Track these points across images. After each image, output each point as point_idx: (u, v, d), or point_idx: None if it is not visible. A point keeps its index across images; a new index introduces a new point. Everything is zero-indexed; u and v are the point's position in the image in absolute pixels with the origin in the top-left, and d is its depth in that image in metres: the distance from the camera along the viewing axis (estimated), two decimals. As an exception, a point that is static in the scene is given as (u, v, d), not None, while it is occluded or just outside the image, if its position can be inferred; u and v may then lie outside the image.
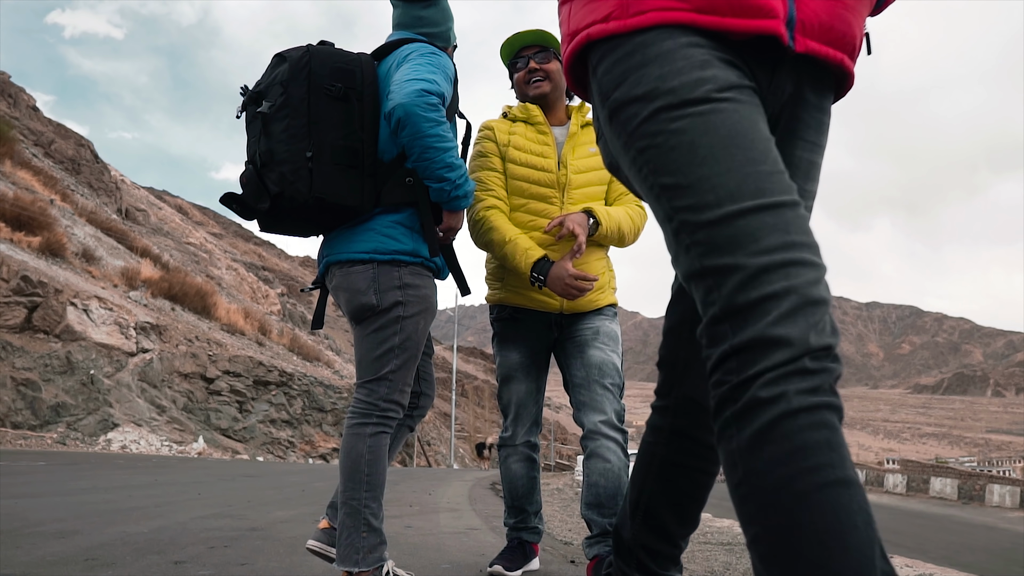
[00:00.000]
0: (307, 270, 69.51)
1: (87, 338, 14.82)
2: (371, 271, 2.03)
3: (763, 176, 0.95)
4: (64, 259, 18.24)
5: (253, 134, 2.01)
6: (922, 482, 32.56)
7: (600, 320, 2.46)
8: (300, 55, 1.99)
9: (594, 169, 2.48)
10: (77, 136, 36.76)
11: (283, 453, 17.54)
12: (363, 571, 1.97)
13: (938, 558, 9.86)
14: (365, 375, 2.08)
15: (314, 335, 32.55)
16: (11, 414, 13.03)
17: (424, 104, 1.90)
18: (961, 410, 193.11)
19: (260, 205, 1.97)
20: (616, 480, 2.24)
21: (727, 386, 0.90)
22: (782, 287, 0.89)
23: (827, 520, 0.81)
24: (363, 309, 2.04)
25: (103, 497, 4.98)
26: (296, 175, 1.90)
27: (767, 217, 0.92)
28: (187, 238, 40.99)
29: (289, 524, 3.90)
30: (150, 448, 13.59)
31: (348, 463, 2.04)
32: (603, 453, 2.25)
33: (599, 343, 2.40)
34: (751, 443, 0.86)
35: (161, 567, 2.50)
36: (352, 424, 2.07)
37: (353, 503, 2.01)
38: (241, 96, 2.07)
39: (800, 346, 0.86)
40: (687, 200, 0.97)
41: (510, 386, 2.51)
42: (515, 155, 2.46)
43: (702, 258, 0.95)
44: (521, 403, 2.50)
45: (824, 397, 0.86)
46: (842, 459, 0.85)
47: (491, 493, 8.73)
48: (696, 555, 3.56)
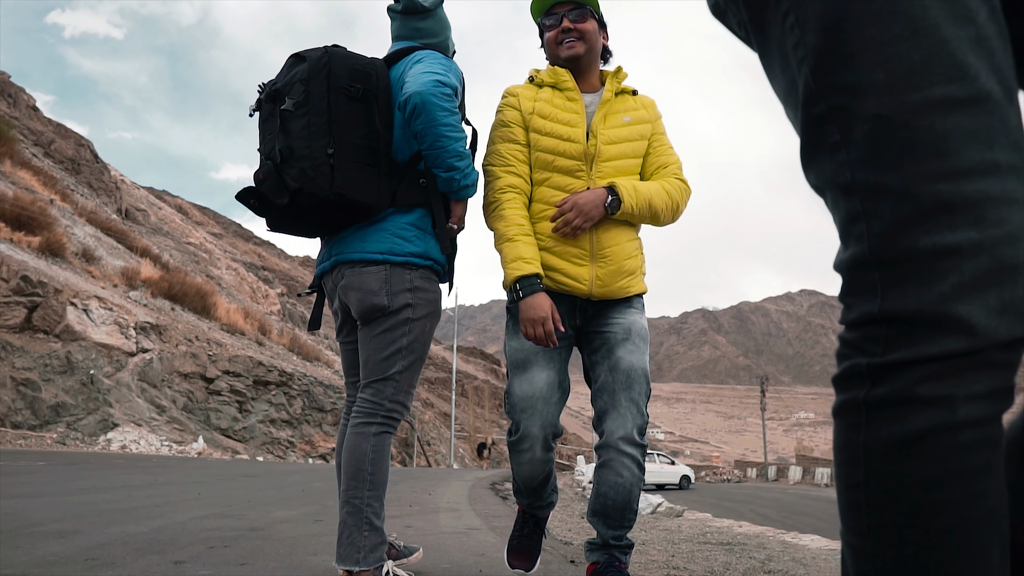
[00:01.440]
0: (307, 270, 69.47)
1: (87, 338, 14.82)
2: (384, 272, 2.06)
3: (965, 47, 0.64)
4: (64, 259, 18.24)
5: (269, 131, 2.03)
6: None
7: (631, 314, 2.20)
8: (320, 55, 2.02)
9: (628, 140, 2.23)
10: (77, 136, 36.76)
11: (283, 453, 17.54)
12: (363, 570, 1.97)
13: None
14: (372, 375, 2.09)
15: (314, 335, 32.53)
16: (11, 414, 13.03)
17: (439, 93, 1.96)
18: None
19: (279, 200, 1.98)
20: (627, 495, 2.09)
21: (868, 359, 0.68)
22: (969, 238, 0.62)
23: (961, 564, 0.64)
24: (374, 309, 2.07)
25: (103, 497, 4.98)
26: (317, 171, 1.93)
27: (962, 117, 0.63)
28: (187, 238, 40.98)
29: (289, 524, 3.90)
30: (150, 448, 13.59)
31: (352, 462, 2.04)
32: (617, 468, 2.08)
33: (631, 344, 2.15)
34: (889, 448, 0.66)
35: (161, 567, 2.50)
36: (357, 423, 2.07)
37: (356, 502, 2.01)
38: (258, 93, 2.09)
39: (985, 336, 0.63)
40: (845, 76, 0.67)
41: (525, 375, 2.14)
42: (540, 124, 2.20)
43: (854, 167, 0.68)
44: (538, 395, 2.12)
45: (1000, 405, 0.65)
46: (998, 483, 0.65)
47: (491, 493, 8.73)
48: (696, 555, 3.56)
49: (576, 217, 2.08)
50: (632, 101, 2.29)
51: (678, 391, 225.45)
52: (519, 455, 2.18)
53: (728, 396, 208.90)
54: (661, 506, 6.32)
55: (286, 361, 21.89)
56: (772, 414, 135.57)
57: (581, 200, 2.09)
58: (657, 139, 2.28)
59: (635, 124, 2.25)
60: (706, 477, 50.16)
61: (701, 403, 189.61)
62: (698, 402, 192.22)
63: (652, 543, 4.11)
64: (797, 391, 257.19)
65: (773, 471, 47.51)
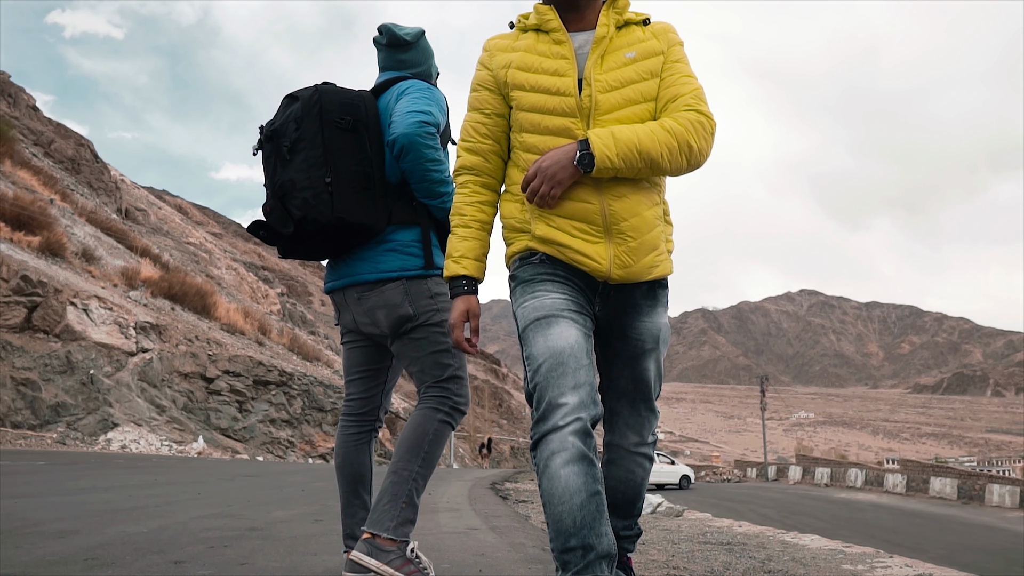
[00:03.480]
0: (307, 270, 69.48)
1: (87, 338, 14.82)
2: (402, 286, 2.23)
3: None
4: (64, 259, 18.23)
5: (271, 167, 2.24)
6: (922, 482, 32.54)
7: (658, 315, 1.87)
8: (310, 94, 2.21)
9: (633, 82, 1.74)
10: (77, 136, 36.75)
11: (283, 453, 17.53)
12: (389, 538, 2.06)
13: (938, 558, 9.86)
14: (431, 378, 2.24)
15: (314, 335, 32.54)
16: (11, 414, 13.03)
17: (424, 133, 2.15)
18: (961, 410, 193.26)
19: (285, 230, 2.17)
20: (638, 488, 1.99)
21: None
22: None
23: None
24: (401, 320, 2.22)
25: (103, 497, 4.98)
26: (318, 199, 2.11)
27: None
28: (187, 238, 40.97)
29: (289, 524, 3.90)
30: (150, 448, 13.59)
31: (412, 436, 2.18)
32: (629, 466, 1.96)
33: (657, 354, 1.90)
34: None
35: (161, 567, 2.50)
36: (426, 407, 2.22)
37: (404, 472, 2.13)
38: (259, 134, 2.29)
39: None
40: None
41: (550, 330, 1.65)
42: (520, 79, 1.77)
43: None
44: (570, 354, 1.60)
45: None
46: None
47: (491, 493, 8.73)
48: (696, 555, 3.56)
49: (541, 183, 1.67)
50: (640, 32, 1.80)
51: (678, 391, 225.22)
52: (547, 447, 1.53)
53: (728, 396, 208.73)
54: (661, 506, 6.32)
55: (286, 361, 21.89)
56: (772, 414, 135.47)
57: (545, 163, 1.68)
58: (669, 68, 1.77)
59: (642, 59, 1.76)
60: (706, 477, 50.16)
61: (701, 403, 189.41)
62: (698, 402, 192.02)
63: (652, 543, 4.11)
64: (797, 391, 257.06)
65: (773, 471, 47.51)
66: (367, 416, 2.39)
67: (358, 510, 2.33)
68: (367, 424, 2.39)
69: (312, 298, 61.98)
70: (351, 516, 2.33)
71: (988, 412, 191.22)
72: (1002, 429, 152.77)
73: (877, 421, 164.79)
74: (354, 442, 2.37)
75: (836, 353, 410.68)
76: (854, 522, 18.55)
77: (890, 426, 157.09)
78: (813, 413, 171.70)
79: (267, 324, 27.27)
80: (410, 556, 2.07)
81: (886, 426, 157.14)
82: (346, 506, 2.35)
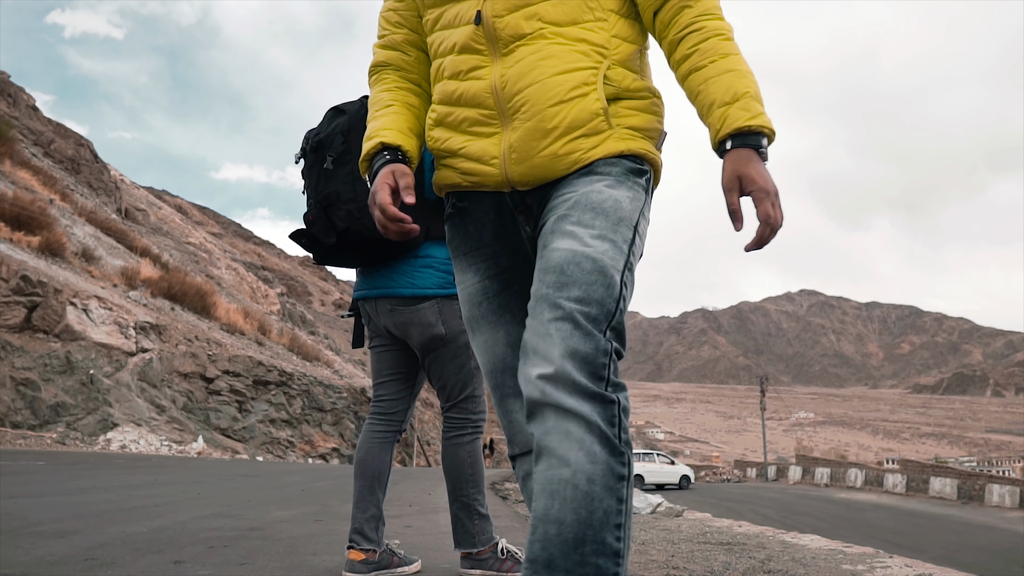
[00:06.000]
0: (307, 270, 69.46)
1: (87, 338, 14.82)
2: (436, 305, 2.34)
3: None
4: (64, 259, 18.23)
5: (314, 178, 2.30)
6: (922, 482, 32.54)
7: (588, 183, 1.22)
8: (357, 108, 2.27)
9: None
10: (77, 136, 36.75)
11: (283, 453, 17.53)
12: (481, 550, 2.38)
13: (938, 558, 9.86)
14: (453, 398, 2.42)
15: (313, 335, 32.54)
16: (11, 414, 13.02)
17: None
18: (961, 410, 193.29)
19: (327, 240, 2.25)
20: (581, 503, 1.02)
21: None
22: None
23: None
24: (434, 340, 2.35)
25: (103, 497, 4.98)
26: (362, 212, 2.16)
27: None
28: (187, 238, 40.97)
29: (289, 524, 3.90)
30: (150, 448, 13.59)
31: (453, 470, 2.41)
32: (551, 445, 1.04)
33: (571, 223, 1.17)
34: None
35: (161, 567, 2.50)
36: (450, 437, 2.44)
37: (464, 499, 2.40)
38: (303, 144, 2.37)
39: None
40: None
41: (476, 340, 1.35)
42: None
43: None
44: (499, 367, 1.31)
45: None
46: None
47: (491, 493, 8.73)
48: (696, 555, 3.56)
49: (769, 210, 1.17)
50: None
51: (678, 391, 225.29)
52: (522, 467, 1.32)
53: (728, 396, 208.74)
54: (661, 506, 6.32)
55: (286, 361, 21.88)
56: (772, 414, 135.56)
57: (754, 182, 1.16)
58: None
59: None
60: (706, 477, 50.16)
61: (701, 403, 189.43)
62: (698, 402, 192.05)
63: (652, 543, 4.11)
64: (797, 391, 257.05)
65: (773, 471, 47.51)
66: (395, 417, 2.50)
67: (370, 506, 2.36)
68: (394, 424, 2.49)
69: (312, 298, 61.97)
70: (363, 511, 2.36)
71: (988, 412, 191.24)
72: (1002, 429, 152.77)
73: (877, 421, 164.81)
74: (379, 439, 2.45)
75: (836, 353, 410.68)
76: (854, 522, 18.55)
77: (890, 426, 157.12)
78: (813, 413, 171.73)
79: (267, 324, 27.27)
80: (502, 555, 2.39)
81: (886, 426, 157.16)
82: (359, 500, 2.38)
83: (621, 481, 1.05)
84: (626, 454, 1.06)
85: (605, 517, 1.02)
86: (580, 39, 1.26)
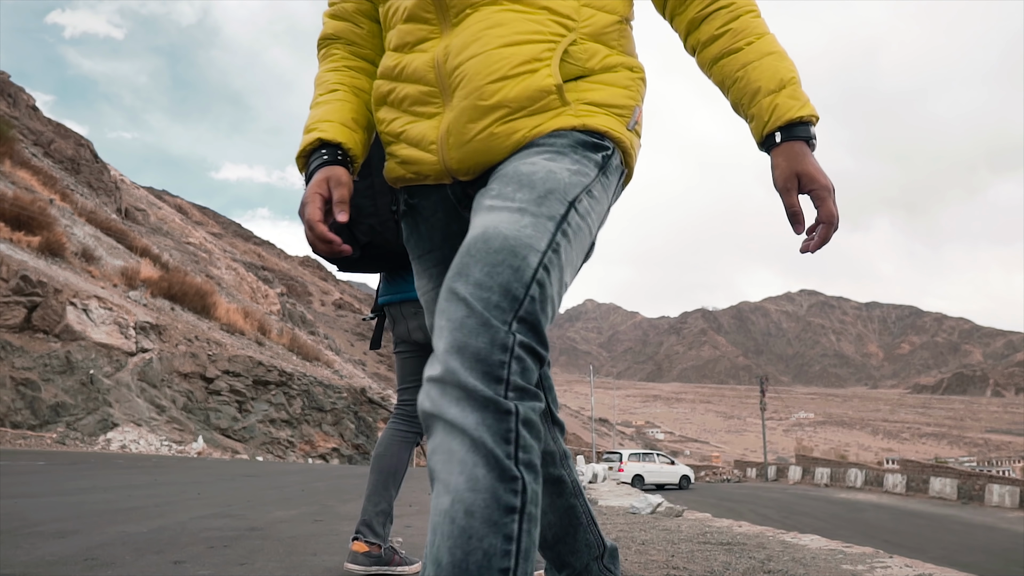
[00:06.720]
0: (307, 270, 69.52)
1: (87, 338, 14.82)
2: None
3: None
4: (64, 259, 18.23)
5: None
6: (922, 482, 32.56)
7: (525, 155, 1.05)
8: None
9: None
10: (77, 136, 36.77)
11: (283, 453, 17.54)
12: None
13: (938, 558, 9.87)
14: None
15: (313, 335, 32.55)
16: (11, 414, 13.02)
17: None
18: (961, 410, 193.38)
19: (352, 254, 2.22)
20: (456, 541, 0.80)
21: None
22: None
23: None
24: None
25: (103, 497, 4.98)
26: (384, 226, 2.14)
27: None
28: (187, 238, 40.98)
29: (289, 524, 3.90)
30: (150, 448, 13.59)
31: None
32: (435, 468, 0.85)
33: (490, 197, 1.00)
34: None
35: (161, 567, 2.50)
36: None
37: None
38: None
39: None
40: None
41: None
42: None
43: None
44: None
45: None
46: None
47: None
48: (696, 555, 3.56)
49: (832, 209, 1.15)
50: None
51: (678, 391, 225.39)
52: None
53: (728, 396, 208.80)
54: (661, 506, 6.32)
55: (286, 361, 21.89)
56: (772, 414, 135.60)
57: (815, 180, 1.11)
58: None
59: None
60: (706, 477, 50.17)
61: (701, 403, 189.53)
62: (698, 402, 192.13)
63: (652, 543, 4.11)
64: (797, 391, 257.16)
65: (773, 471, 47.52)
66: (418, 420, 2.50)
67: (382, 501, 2.38)
68: (417, 426, 2.48)
69: (312, 298, 61.99)
70: (374, 505, 2.37)
71: (988, 412, 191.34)
72: (1002, 429, 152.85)
73: (877, 421, 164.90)
74: (400, 437, 2.46)
75: (836, 353, 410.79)
76: (854, 522, 18.56)
77: (890, 426, 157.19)
78: (813, 413, 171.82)
79: (267, 324, 27.27)
80: None
81: (886, 426, 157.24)
82: (371, 494, 2.39)
83: (510, 514, 0.81)
84: (521, 479, 0.82)
85: (486, 560, 0.78)
86: (542, 7, 1.09)
